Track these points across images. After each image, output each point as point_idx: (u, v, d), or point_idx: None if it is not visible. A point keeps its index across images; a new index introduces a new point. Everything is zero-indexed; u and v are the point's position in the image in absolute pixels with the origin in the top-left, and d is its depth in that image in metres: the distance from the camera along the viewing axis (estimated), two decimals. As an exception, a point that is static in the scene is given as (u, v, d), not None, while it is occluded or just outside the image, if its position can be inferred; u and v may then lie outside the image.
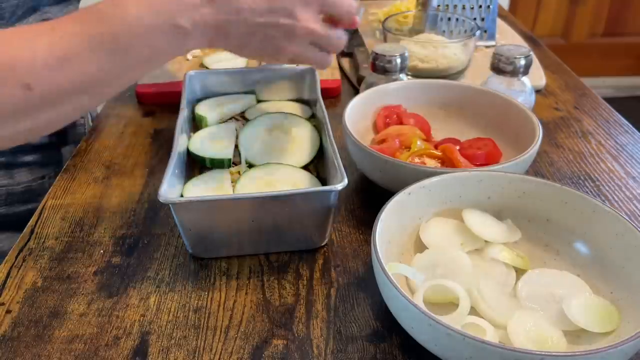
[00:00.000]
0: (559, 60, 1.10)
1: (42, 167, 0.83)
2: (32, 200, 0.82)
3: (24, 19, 0.74)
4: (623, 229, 0.53)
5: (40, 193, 0.83)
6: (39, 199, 0.82)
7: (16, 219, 0.80)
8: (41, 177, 0.83)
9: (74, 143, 0.90)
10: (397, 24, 1.13)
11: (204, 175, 0.67)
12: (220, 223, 0.59)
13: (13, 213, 0.81)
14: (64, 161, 0.87)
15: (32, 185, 0.82)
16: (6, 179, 0.79)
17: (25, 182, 0.81)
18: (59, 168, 0.85)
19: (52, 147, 0.85)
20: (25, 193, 0.82)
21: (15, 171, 0.80)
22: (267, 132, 0.72)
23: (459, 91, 0.79)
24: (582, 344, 0.50)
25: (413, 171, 0.61)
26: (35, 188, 0.82)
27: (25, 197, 0.82)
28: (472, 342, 0.42)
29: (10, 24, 0.72)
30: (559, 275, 0.56)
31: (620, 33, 2.84)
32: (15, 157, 0.80)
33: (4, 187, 0.79)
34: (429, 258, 0.56)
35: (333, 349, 0.52)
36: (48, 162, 0.84)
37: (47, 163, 0.84)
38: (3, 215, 0.81)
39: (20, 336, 0.53)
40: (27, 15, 0.74)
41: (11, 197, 0.80)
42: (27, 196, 0.82)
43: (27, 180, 0.81)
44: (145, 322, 0.55)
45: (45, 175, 0.84)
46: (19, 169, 0.80)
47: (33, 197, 0.82)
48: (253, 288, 0.58)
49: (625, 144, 0.83)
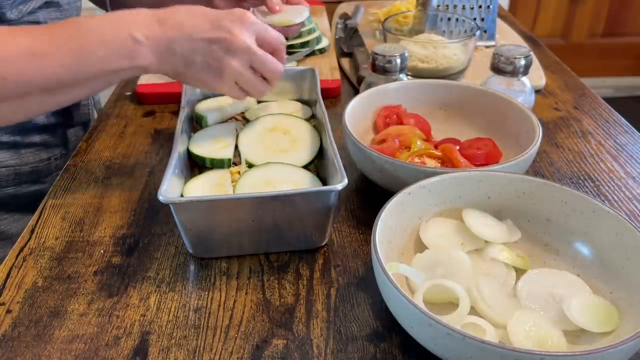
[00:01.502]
0: (559, 60, 1.10)
1: (48, 148, 0.85)
2: (39, 181, 0.84)
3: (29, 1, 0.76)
4: (623, 229, 0.53)
5: (47, 174, 0.85)
6: (46, 181, 0.85)
7: (23, 200, 0.82)
8: (48, 158, 0.85)
9: (79, 125, 0.92)
10: (397, 24, 1.13)
11: (204, 175, 0.67)
12: (220, 223, 0.59)
13: (22, 194, 0.83)
14: (69, 143, 0.89)
15: (38, 166, 0.84)
16: (14, 159, 0.81)
17: (32, 163, 0.83)
18: (65, 150, 0.88)
19: (58, 128, 0.87)
20: (33, 174, 0.83)
21: (22, 151, 0.82)
22: (267, 132, 0.72)
23: (459, 91, 0.79)
24: (582, 344, 0.50)
25: (413, 171, 0.61)
26: (41, 169, 0.84)
27: (33, 178, 0.84)
28: (472, 342, 0.42)
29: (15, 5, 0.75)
30: (559, 275, 0.56)
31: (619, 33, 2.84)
32: (23, 137, 0.81)
33: (12, 167, 0.81)
34: (429, 258, 0.57)
35: (333, 348, 0.52)
36: (54, 144, 0.86)
37: (52, 144, 0.86)
38: (12, 196, 0.82)
39: (20, 336, 0.53)
40: None
41: (19, 178, 0.82)
42: (34, 177, 0.84)
43: (34, 160, 0.83)
44: (146, 322, 0.55)
45: (52, 156, 0.86)
46: (26, 149, 0.82)
47: (40, 178, 0.84)
48: (253, 288, 0.58)
49: (625, 144, 0.83)
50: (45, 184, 0.85)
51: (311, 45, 1.05)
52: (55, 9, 0.82)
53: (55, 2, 0.82)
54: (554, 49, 1.21)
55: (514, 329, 0.49)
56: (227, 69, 0.63)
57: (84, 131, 0.92)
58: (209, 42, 0.62)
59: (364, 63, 0.98)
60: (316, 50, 1.06)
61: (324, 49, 1.07)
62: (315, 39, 1.06)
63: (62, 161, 0.87)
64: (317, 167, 0.69)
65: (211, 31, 0.62)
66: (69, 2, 0.84)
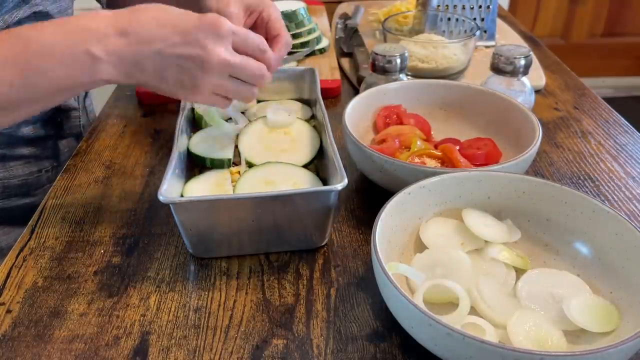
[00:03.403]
0: (559, 61, 1.10)
1: (38, 161, 0.83)
2: (29, 194, 0.82)
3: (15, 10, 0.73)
4: (623, 229, 0.53)
5: (37, 187, 0.83)
6: (36, 193, 0.82)
7: (14, 213, 0.80)
8: (38, 170, 0.83)
9: (71, 136, 0.89)
10: (397, 24, 1.13)
11: (204, 175, 0.67)
12: (220, 223, 0.59)
13: (10, 207, 0.81)
14: (60, 155, 0.87)
15: (28, 179, 0.82)
16: (2, 172, 0.79)
17: (22, 176, 0.81)
18: (57, 162, 0.85)
19: (47, 140, 0.84)
20: (23, 187, 0.82)
21: (11, 164, 0.80)
22: (267, 132, 0.72)
23: (459, 91, 0.79)
24: (582, 343, 0.50)
25: (413, 171, 0.61)
26: (31, 182, 0.82)
27: (23, 191, 0.82)
28: (472, 342, 0.42)
29: None
30: (559, 275, 0.56)
31: (619, 33, 2.84)
32: (10, 149, 0.79)
33: (0, 180, 0.79)
34: (429, 258, 0.57)
35: (333, 348, 0.52)
36: (44, 156, 0.84)
37: (43, 156, 0.84)
38: (1, 210, 0.81)
39: (20, 336, 0.53)
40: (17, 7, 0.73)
41: (8, 191, 0.81)
42: (24, 190, 0.82)
43: (23, 173, 0.81)
44: (146, 322, 0.55)
45: (42, 169, 0.84)
46: (15, 161, 0.80)
47: (30, 191, 0.82)
48: (253, 288, 0.58)
49: (624, 144, 0.83)
50: (36, 197, 0.82)
51: (311, 45, 1.05)
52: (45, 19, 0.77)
53: (45, 12, 0.77)
54: (554, 49, 1.21)
55: (514, 329, 0.49)
56: (202, 85, 0.58)
57: (77, 142, 0.89)
58: (182, 58, 0.56)
59: (364, 63, 0.98)
60: (316, 50, 1.06)
61: (324, 49, 1.07)
62: (315, 39, 1.06)
63: (53, 173, 0.85)
64: (317, 167, 0.70)
65: (183, 46, 0.56)
66: (60, 10, 0.81)
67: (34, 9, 0.75)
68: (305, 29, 1.06)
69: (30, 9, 0.75)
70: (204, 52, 0.56)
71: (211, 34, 0.56)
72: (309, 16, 1.08)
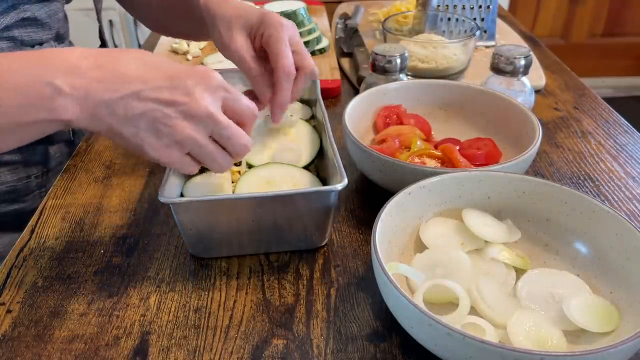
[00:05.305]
0: (559, 61, 1.10)
1: (27, 167, 0.81)
2: (19, 200, 0.81)
3: (2, 16, 0.72)
4: (623, 229, 0.53)
5: (27, 193, 0.81)
6: (26, 199, 0.81)
7: (3, 219, 0.79)
8: (27, 176, 0.81)
9: (62, 142, 0.87)
10: (397, 24, 1.13)
11: (204, 175, 0.67)
12: (220, 223, 0.59)
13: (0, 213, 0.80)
14: (51, 160, 0.85)
15: (17, 185, 0.80)
16: None
17: (10, 182, 0.79)
18: (47, 168, 0.84)
19: (37, 146, 0.82)
20: (12, 193, 0.80)
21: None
22: (267, 132, 0.72)
23: (459, 91, 0.79)
24: (582, 343, 0.50)
25: (413, 171, 0.62)
26: (20, 188, 0.81)
27: (12, 197, 0.80)
28: (472, 342, 0.42)
29: None
30: (559, 275, 0.56)
31: (619, 33, 2.84)
32: None
33: None
34: (429, 258, 0.57)
35: (333, 348, 0.52)
36: (33, 162, 0.82)
37: (32, 162, 0.82)
38: None
39: (20, 336, 0.53)
40: (5, 13, 0.72)
41: None
42: (13, 196, 0.80)
43: (11, 180, 0.79)
44: (146, 322, 0.55)
45: (31, 175, 0.82)
46: (2, 167, 0.78)
47: (19, 197, 0.81)
48: (253, 288, 0.58)
49: (624, 144, 0.83)
50: (25, 203, 0.81)
51: (311, 45, 1.05)
52: (34, 25, 0.75)
53: (33, 18, 0.74)
54: (554, 49, 1.21)
55: (514, 329, 0.49)
56: (179, 136, 0.51)
57: (68, 148, 0.87)
58: (163, 104, 0.50)
59: (364, 63, 0.98)
60: (316, 50, 1.06)
61: (323, 49, 1.07)
62: (315, 39, 1.07)
63: (43, 179, 0.83)
64: (317, 167, 0.70)
65: (167, 91, 0.50)
66: (50, 15, 0.77)
67: (22, 14, 0.74)
68: (305, 29, 1.06)
69: (17, 15, 0.73)
70: (189, 98, 0.50)
71: (201, 83, 0.51)
72: (309, 16, 1.09)
